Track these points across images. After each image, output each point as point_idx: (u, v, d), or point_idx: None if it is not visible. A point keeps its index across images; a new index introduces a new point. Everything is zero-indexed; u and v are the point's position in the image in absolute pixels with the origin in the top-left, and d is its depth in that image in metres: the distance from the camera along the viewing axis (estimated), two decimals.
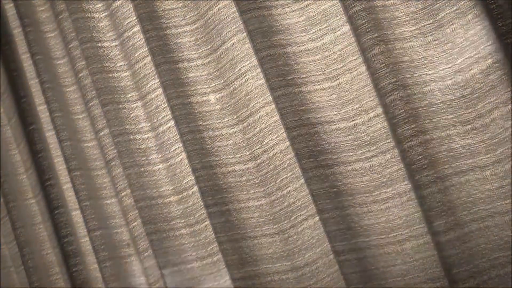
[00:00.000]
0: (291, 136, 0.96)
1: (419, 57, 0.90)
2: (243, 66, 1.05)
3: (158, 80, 1.10)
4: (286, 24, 0.98)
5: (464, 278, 0.86)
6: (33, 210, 1.33)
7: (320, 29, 0.99)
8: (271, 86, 0.97)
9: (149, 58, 1.11)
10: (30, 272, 1.28)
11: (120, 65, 1.16)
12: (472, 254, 0.86)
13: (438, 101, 0.90)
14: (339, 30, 0.98)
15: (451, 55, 0.90)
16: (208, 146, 1.05)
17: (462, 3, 0.89)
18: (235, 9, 1.02)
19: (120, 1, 1.15)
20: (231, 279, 1.03)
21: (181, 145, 1.09)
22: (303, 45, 0.98)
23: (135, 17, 1.12)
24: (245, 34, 1.01)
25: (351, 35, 0.94)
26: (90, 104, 1.19)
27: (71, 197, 1.25)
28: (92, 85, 1.17)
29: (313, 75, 0.97)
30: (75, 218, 1.25)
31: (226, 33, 1.06)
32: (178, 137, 1.08)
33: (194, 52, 1.08)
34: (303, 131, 0.95)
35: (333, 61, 0.98)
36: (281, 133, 1.02)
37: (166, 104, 1.09)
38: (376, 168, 0.95)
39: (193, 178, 1.08)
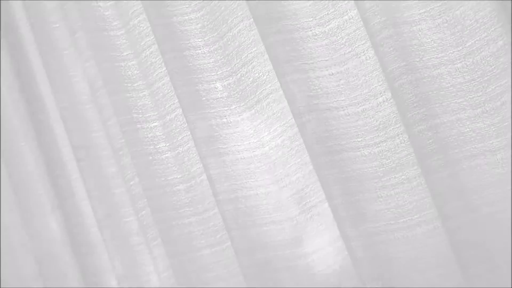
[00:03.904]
0: (299, 122, 0.95)
1: (428, 40, 0.89)
2: (250, 53, 1.04)
3: (164, 68, 1.09)
4: (293, 9, 0.97)
5: (475, 263, 0.85)
6: (42, 201, 1.33)
7: (327, 14, 0.97)
8: (278, 73, 0.96)
9: (155, 46, 1.10)
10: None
11: (127, 54, 1.15)
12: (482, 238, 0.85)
13: (448, 85, 0.88)
14: (346, 14, 0.96)
15: (460, 37, 0.89)
16: (216, 134, 1.05)
17: None
18: None
19: None
20: (240, 266, 1.03)
21: (188, 133, 1.08)
22: (310, 30, 0.97)
23: (140, 5, 1.12)
24: (251, 20, 1.01)
25: (359, 19, 0.93)
26: (97, 94, 1.19)
27: (80, 187, 1.25)
28: (99, 74, 1.17)
29: (321, 61, 0.96)
30: (84, 208, 1.25)
31: (232, 20, 1.05)
32: (186, 125, 1.08)
33: (200, 40, 1.07)
34: (311, 117, 0.94)
35: (341, 46, 0.97)
36: (289, 119, 1.01)
37: (173, 92, 1.09)
38: (385, 153, 0.94)
39: (201, 166, 1.07)
